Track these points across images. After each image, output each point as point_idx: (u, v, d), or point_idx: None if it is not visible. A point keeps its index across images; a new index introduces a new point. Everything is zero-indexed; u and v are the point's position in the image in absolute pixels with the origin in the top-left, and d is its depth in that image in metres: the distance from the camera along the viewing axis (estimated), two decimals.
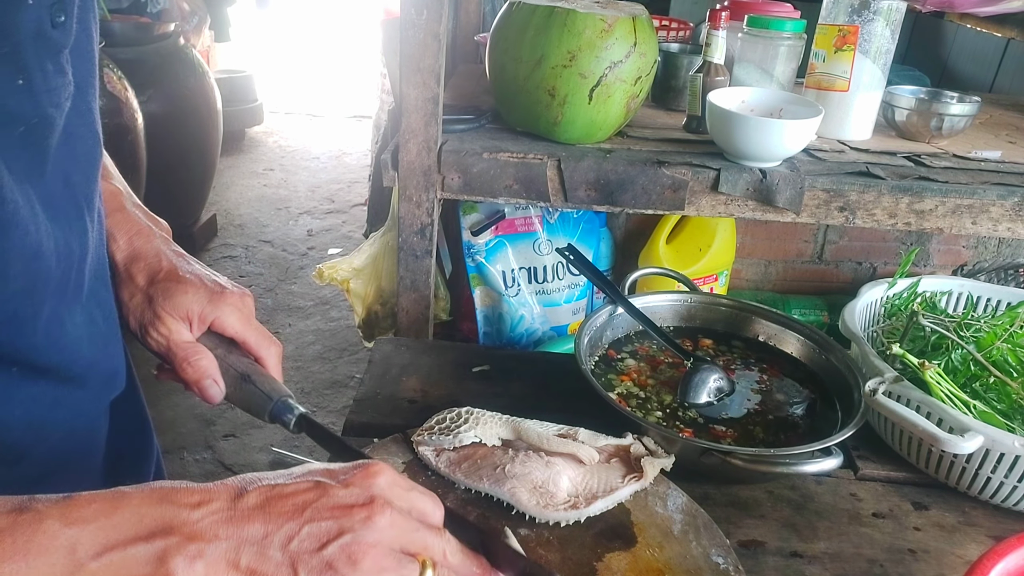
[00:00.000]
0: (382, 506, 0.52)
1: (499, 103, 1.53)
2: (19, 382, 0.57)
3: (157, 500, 0.48)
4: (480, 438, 0.82)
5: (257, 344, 0.72)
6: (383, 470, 0.54)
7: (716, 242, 2.02)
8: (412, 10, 1.31)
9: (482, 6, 2.39)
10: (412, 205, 1.44)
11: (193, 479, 0.51)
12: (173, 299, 0.69)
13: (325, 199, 4.45)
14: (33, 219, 0.52)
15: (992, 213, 1.41)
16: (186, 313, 0.69)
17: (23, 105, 0.50)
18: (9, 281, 0.51)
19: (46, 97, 0.52)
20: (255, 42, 6.06)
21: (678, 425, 0.92)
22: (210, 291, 0.70)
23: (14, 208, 0.50)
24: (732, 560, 0.73)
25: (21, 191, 0.51)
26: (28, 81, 0.50)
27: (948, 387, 0.88)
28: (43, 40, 0.50)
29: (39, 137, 0.53)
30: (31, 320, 0.55)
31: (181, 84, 3.25)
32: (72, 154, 0.58)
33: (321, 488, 0.52)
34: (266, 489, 0.51)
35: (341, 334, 3.14)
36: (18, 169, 0.51)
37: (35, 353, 0.57)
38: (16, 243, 0.51)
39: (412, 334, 1.55)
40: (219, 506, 0.49)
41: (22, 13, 0.48)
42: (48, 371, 0.59)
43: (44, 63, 0.51)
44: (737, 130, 1.36)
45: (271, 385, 0.70)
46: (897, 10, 1.48)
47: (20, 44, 0.49)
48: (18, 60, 0.49)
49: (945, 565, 0.81)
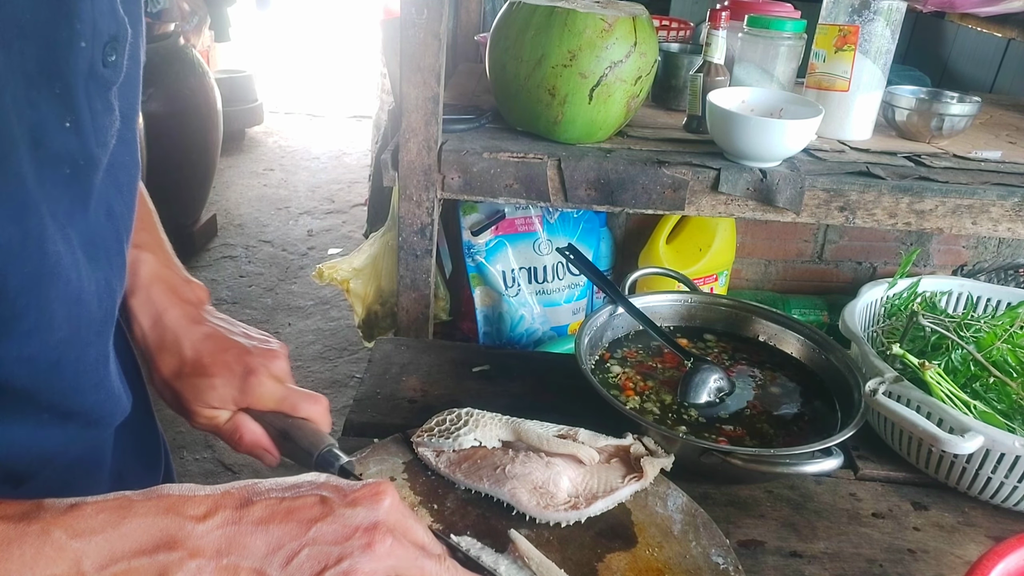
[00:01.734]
0: (384, 533, 0.52)
1: (499, 103, 1.53)
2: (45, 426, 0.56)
3: (164, 511, 0.48)
4: (479, 441, 0.82)
5: (295, 409, 0.71)
6: (389, 492, 0.54)
7: (716, 242, 2.02)
8: (412, 9, 1.31)
9: (482, 5, 2.39)
10: (412, 205, 1.44)
11: (193, 479, 0.51)
12: (202, 396, 0.69)
13: (325, 199, 4.45)
14: (74, 266, 0.51)
15: (992, 213, 1.41)
16: (219, 405, 0.69)
17: (70, 146, 0.49)
18: (53, 331, 0.51)
19: (93, 137, 0.51)
20: (255, 42, 6.06)
21: (678, 425, 0.92)
22: (237, 378, 0.69)
23: (56, 259, 0.49)
24: (732, 560, 0.73)
25: (63, 237, 0.50)
26: (76, 122, 0.49)
27: (948, 387, 0.88)
28: (95, 80, 0.49)
29: (84, 177, 0.52)
30: (73, 365, 0.54)
31: (181, 84, 3.25)
32: (115, 184, 0.56)
33: (327, 505, 0.52)
34: (273, 502, 0.51)
35: (341, 334, 3.14)
36: (60, 212, 0.50)
37: (76, 396, 0.56)
38: (60, 292, 0.50)
39: (412, 334, 1.55)
40: (224, 518, 0.49)
41: (76, 54, 0.47)
42: (79, 415, 0.58)
43: (94, 103, 0.50)
44: (737, 130, 1.36)
45: (311, 439, 0.70)
46: (897, 10, 1.48)
47: (71, 85, 0.47)
48: (68, 101, 0.47)
49: (944, 565, 0.80)
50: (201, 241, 3.73)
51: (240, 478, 2.10)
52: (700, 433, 0.91)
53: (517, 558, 0.71)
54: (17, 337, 0.49)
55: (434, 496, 0.79)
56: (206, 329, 0.71)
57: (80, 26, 0.46)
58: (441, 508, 0.78)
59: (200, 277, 3.56)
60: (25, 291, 0.47)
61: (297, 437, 0.70)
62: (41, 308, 0.49)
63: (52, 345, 0.51)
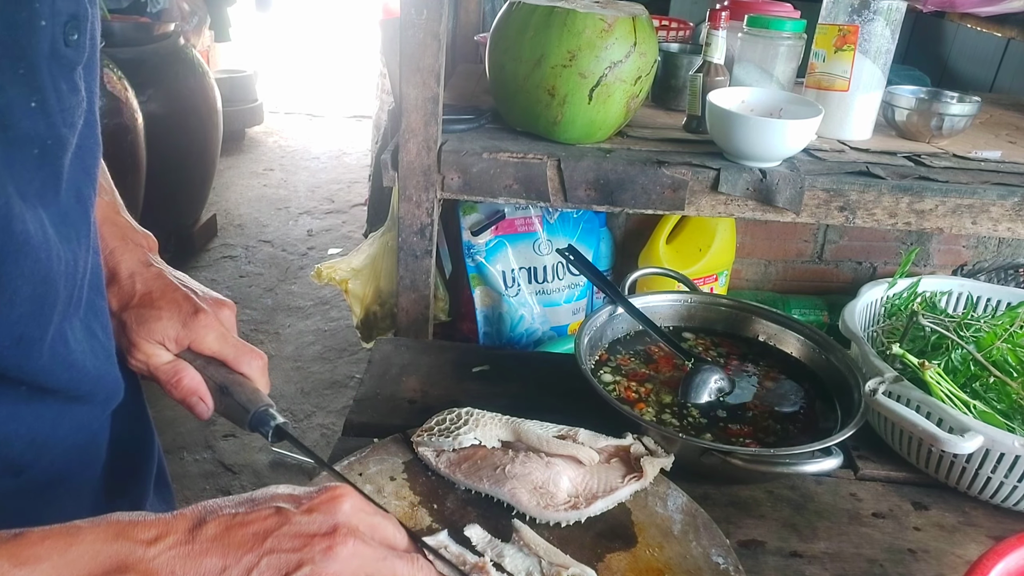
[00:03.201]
0: (344, 536, 0.51)
1: (499, 103, 1.53)
2: (25, 401, 0.56)
3: (113, 536, 0.47)
4: (479, 440, 0.82)
5: (236, 360, 0.71)
6: (348, 495, 0.54)
7: (716, 242, 2.02)
8: (412, 10, 1.31)
9: (482, 6, 2.39)
10: (412, 205, 1.44)
11: (193, 479, 0.51)
12: (146, 325, 0.68)
13: (325, 199, 4.45)
14: (44, 244, 0.52)
15: (992, 213, 1.41)
16: (161, 339, 0.69)
17: (37, 126, 0.49)
18: (16, 305, 0.51)
19: (60, 117, 0.51)
20: (255, 42, 6.06)
21: (678, 425, 0.92)
22: (184, 314, 0.69)
23: (24, 237, 0.49)
24: (732, 560, 0.73)
25: (33, 216, 0.50)
26: (42, 102, 0.49)
27: (948, 387, 0.88)
28: (57, 60, 0.49)
29: (53, 158, 0.52)
30: (38, 341, 0.54)
31: (181, 84, 3.25)
32: (83, 167, 0.57)
33: (282, 515, 0.51)
34: (225, 519, 0.50)
35: (341, 334, 3.14)
36: (31, 192, 0.50)
37: (42, 374, 0.56)
38: (25, 270, 0.50)
39: (412, 334, 1.55)
40: (176, 539, 0.48)
41: (37, 33, 0.47)
42: (55, 391, 0.58)
43: (58, 83, 0.50)
44: (737, 130, 1.36)
45: (249, 396, 0.69)
46: (897, 10, 1.48)
47: (35, 65, 0.48)
48: (33, 81, 0.48)
49: (945, 565, 0.80)
50: (201, 241, 3.73)
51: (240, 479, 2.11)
52: (701, 433, 0.91)
53: (523, 546, 0.72)
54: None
55: (434, 496, 0.80)
56: (156, 270, 0.72)
57: (39, 5, 0.47)
58: (441, 508, 0.78)
59: (200, 277, 3.57)
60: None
61: (235, 392, 0.69)
62: (3, 285, 0.49)
63: (12, 320, 0.51)
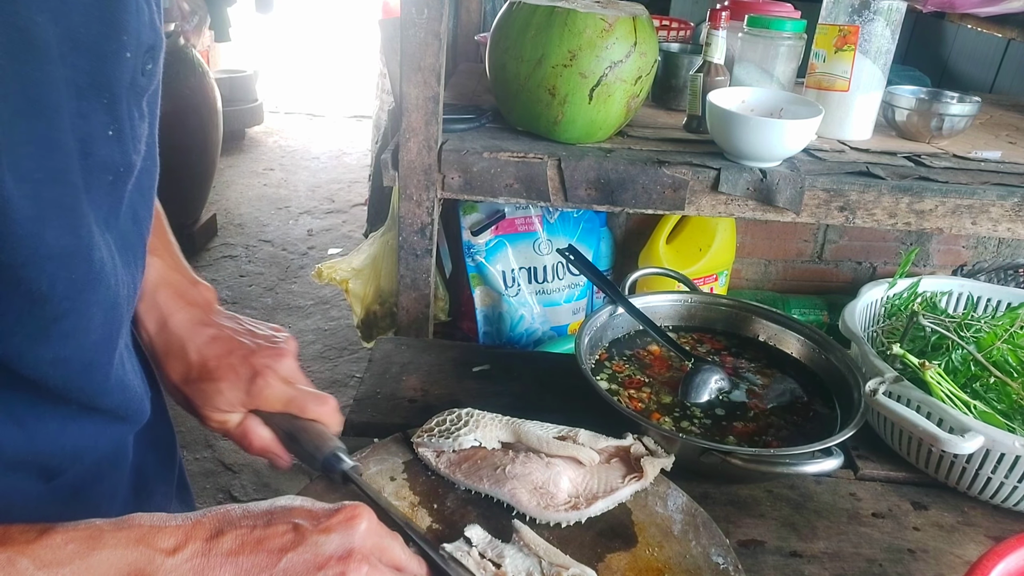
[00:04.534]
0: (359, 562, 0.51)
1: (499, 102, 1.53)
2: (73, 418, 0.57)
3: (134, 542, 0.48)
4: (479, 442, 0.82)
5: (302, 411, 0.71)
6: (364, 516, 0.54)
7: (716, 242, 2.02)
8: (413, 9, 1.31)
9: (482, 5, 2.39)
10: (412, 204, 1.44)
11: (193, 478, 0.51)
12: (210, 401, 0.69)
13: (325, 199, 4.45)
14: (113, 271, 0.52)
15: (992, 213, 1.41)
16: (227, 408, 0.69)
17: (113, 154, 0.50)
18: (90, 332, 0.51)
19: (132, 145, 0.52)
20: (255, 42, 6.05)
21: (678, 425, 0.92)
22: (244, 381, 0.69)
23: (100, 266, 0.50)
24: (732, 559, 0.73)
25: (104, 243, 0.51)
26: (119, 131, 0.50)
27: (948, 387, 0.88)
28: (134, 89, 0.50)
29: (121, 184, 0.53)
30: (105, 367, 0.55)
31: (181, 84, 3.25)
32: (139, 189, 0.57)
33: (299, 534, 0.51)
34: (243, 532, 0.50)
35: (341, 333, 3.14)
36: (101, 219, 0.51)
37: (101, 396, 0.57)
38: (100, 298, 0.51)
39: (412, 333, 1.55)
40: (195, 550, 0.49)
41: (122, 65, 0.48)
42: (108, 411, 0.59)
43: (132, 111, 0.51)
44: (737, 130, 1.36)
45: (316, 442, 0.70)
46: (897, 10, 1.48)
47: (116, 96, 0.48)
48: (113, 110, 0.49)
49: (944, 565, 0.81)
50: (201, 241, 3.73)
51: (240, 478, 2.11)
52: (701, 433, 0.91)
53: (523, 547, 0.72)
54: (55, 340, 0.49)
55: (434, 496, 0.79)
56: (212, 332, 0.71)
57: (127, 38, 0.47)
58: (441, 508, 0.78)
59: (200, 277, 3.55)
60: (69, 297, 0.48)
61: (303, 440, 0.70)
62: (81, 312, 0.49)
63: (87, 348, 0.52)
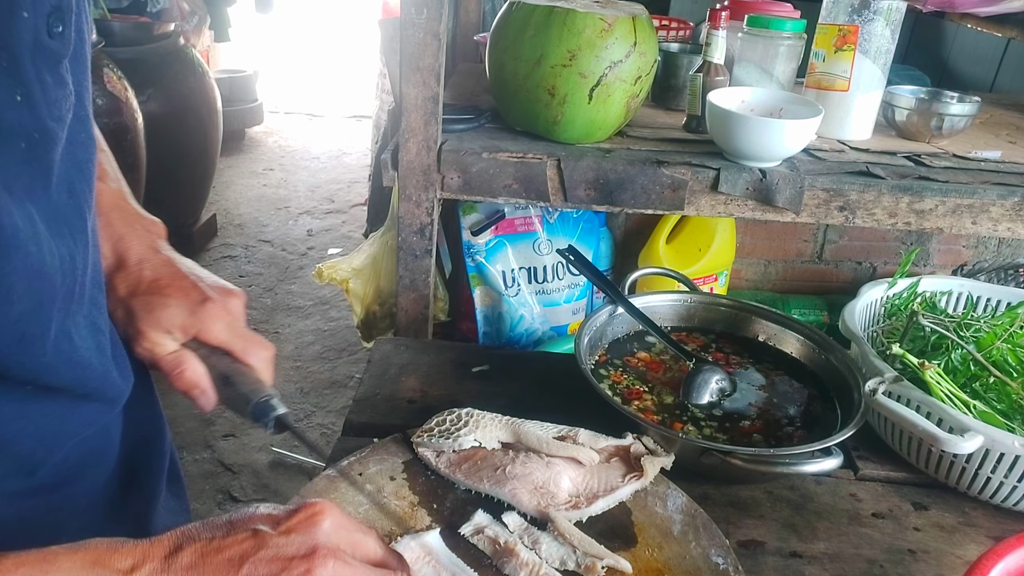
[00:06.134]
0: (324, 557, 0.50)
1: (499, 102, 1.53)
2: (31, 399, 0.56)
3: (89, 564, 0.47)
4: (479, 442, 0.82)
5: (243, 351, 0.70)
6: (326, 513, 0.53)
7: (716, 242, 2.02)
8: (412, 9, 1.30)
9: (482, 5, 2.39)
10: (412, 204, 1.44)
11: (193, 479, 0.51)
12: (153, 313, 0.67)
13: (325, 199, 4.45)
14: (35, 239, 0.51)
15: (992, 213, 1.41)
16: (168, 327, 0.68)
17: (23, 120, 0.49)
18: (13, 303, 0.50)
19: (47, 110, 0.50)
20: (255, 42, 6.06)
21: (679, 425, 0.92)
22: (192, 302, 0.68)
23: (13, 231, 0.48)
24: (731, 560, 0.73)
25: (21, 211, 0.50)
26: (27, 95, 0.48)
27: (948, 387, 0.88)
28: (41, 51, 0.49)
29: (42, 152, 0.51)
30: (39, 339, 0.54)
31: (181, 84, 3.25)
32: (75, 162, 0.56)
33: (259, 538, 0.50)
34: (201, 545, 0.50)
35: (341, 334, 3.14)
36: (19, 187, 0.50)
37: (47, 372, 0.55)
38: (17, 265, 0.49)
39: (411, 334, 1.55)
40: (152, 568, 0.48)
41: (17, 24, 0.47)
42: (61, 389, 0.58)
43: (43, 75, 0.50)
44: (737, 130, 1.36)
45: (251, 386, 0.68)
46: (897, 10, 1.48)
47: (17, 57, 0.47)
48: (16, 74, 0.47)
49: (945, 565, 0.80)
50: (201, 241, 3.73)
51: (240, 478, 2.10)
52: (701, 433, 0.91)
53: (557, 536, 0.73)
54: None
55: (434, 496, 0.79)
56: (164, 257, 0.71)
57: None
58: (441, 508, 0.78)
59: None
60: None
61: (238, 383, 0.68)
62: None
63: (13, 319, 0.50)
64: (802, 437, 0.91)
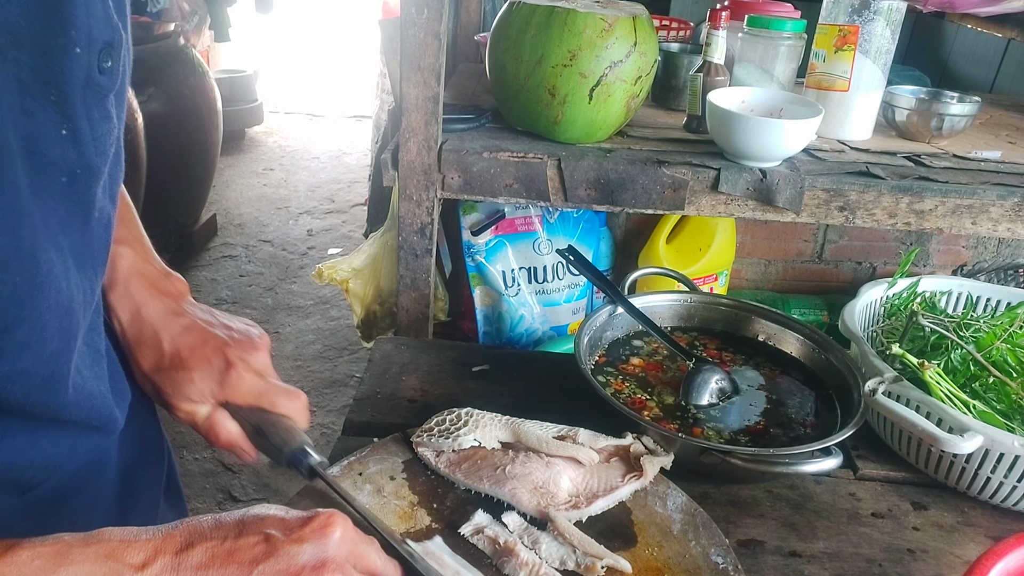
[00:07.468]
0: (333, 571, 0.51)
1: (499, 102, 1.53)
2: (44, 430, 0.56)
3: (102, 557, 0.47)
4: (479, 442, 0.82)
5: (273, 406, 0.70)
6: (337, 523, 0.53)
7: (716, 242, 2.02)
8: (412, 9, 1.31)
9: (482, 5, 2.39)
10: (412, 204, 1.44)
11: (193, 478, 0.51)
12: (180, 389, 0.68)
13: (325, 199, 4.45)
14: (65, 274, 0.51)
15: (992, 213, 1.41)
16: (197, 400, 0.69)
17: (67, 155, 0.48)
18: (46, 343, 0.50)
19: (93, 147, 0.50)
20: (255, 42, 6.05)
21: (679, 425, 0.92)
22: (216, 371, 0.68)
23: (48, 268, 0.48)
24: (731, 559, 0.73)
25: (55, 246, 0.49)
26: (74, 131, 0.48)
27: (948, 387, 0.88)
28: (91, 88, 0.48)
29: (83, 187, 0.51)
30: (64, 377, 0.54)
31: (181, 84, 3.25)
32: (111, 195, 0.56)
33: (271, 544, 0.50)
34: (213, 545, 0.50)
35: (341, 333, 3.14)
36: (54, 222, 0.49)
37: (66, 409, 0.55)
38: (51, 303, 0.49)
39: (412, 333, 1.55)
40: (164, 564, 0.48)
41: (71, 61, 0.46)
42: (75, 423, 0.58)
43: (91, 111, 0.49)
44: (737, 130, 1.36)
45: (283, 437, 0.70)
46: (897, 10, 1.48)
47: (67, 94, 0.47)
48: (64, 109, 0.47)
49: (944, 565, 0.81)
50: (201, 241, 3.73)
51: (240, 478, 2.10)
52: (701, 433, 0.91)
53: (557, 536, 0.73)
54: (11, 352, 0.48)
55: (434, 495, 0.79)
56: (185, 321, 0.71)
57: (75, 33, 0.46)
58: (440, 508, 0.78)
59: (200, 277, 3.57)
60: (17, 302, 0.46)
61: (270, 434, 0.70)
62: (33, 320, 0.48)
63: (45, 359, 0.51)
64: (802, 437, 0.91)
